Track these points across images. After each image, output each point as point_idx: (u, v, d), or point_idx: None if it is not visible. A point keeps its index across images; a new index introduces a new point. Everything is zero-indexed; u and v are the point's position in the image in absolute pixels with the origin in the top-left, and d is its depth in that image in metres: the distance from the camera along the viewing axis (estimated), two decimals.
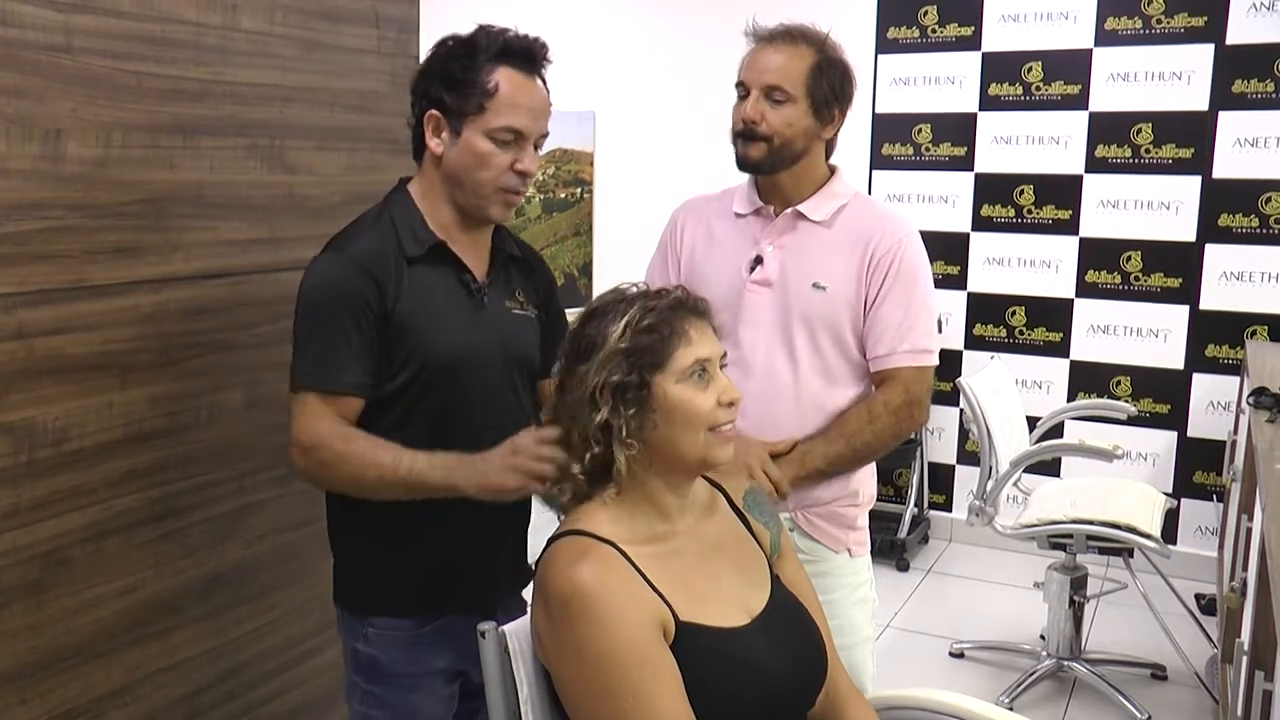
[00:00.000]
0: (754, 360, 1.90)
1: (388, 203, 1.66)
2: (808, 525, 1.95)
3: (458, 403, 1.63)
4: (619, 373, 1.33)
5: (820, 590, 1.87)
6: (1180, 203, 4.12)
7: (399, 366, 1.60)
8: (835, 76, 1.88)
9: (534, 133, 1.63)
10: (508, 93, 1.60)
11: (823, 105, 1.88)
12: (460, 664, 1.72)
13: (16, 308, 1.57)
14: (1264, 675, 2.05)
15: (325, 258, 1.61)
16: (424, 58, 1.66)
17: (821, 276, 1.89)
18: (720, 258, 1.96)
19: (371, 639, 1.67)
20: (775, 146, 1.87)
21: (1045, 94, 4.27)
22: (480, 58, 1.59)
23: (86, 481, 1.68)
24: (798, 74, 1.86)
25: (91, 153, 1.65)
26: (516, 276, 1.76)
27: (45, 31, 1.57)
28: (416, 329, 1.59)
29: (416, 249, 1.61)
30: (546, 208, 5.54)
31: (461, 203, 1.64)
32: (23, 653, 1.61)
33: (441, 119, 1.61)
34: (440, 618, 1.68)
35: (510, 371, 1.70)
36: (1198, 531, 4.23)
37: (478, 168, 1.61)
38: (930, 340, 1.92)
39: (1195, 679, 3.31)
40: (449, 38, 1.65)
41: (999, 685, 3.30)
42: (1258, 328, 4.05)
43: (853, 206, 1.94)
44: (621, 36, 5.09)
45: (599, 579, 1.29)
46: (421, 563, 1.66)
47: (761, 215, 1.95)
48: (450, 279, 1.65)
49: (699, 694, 1.29)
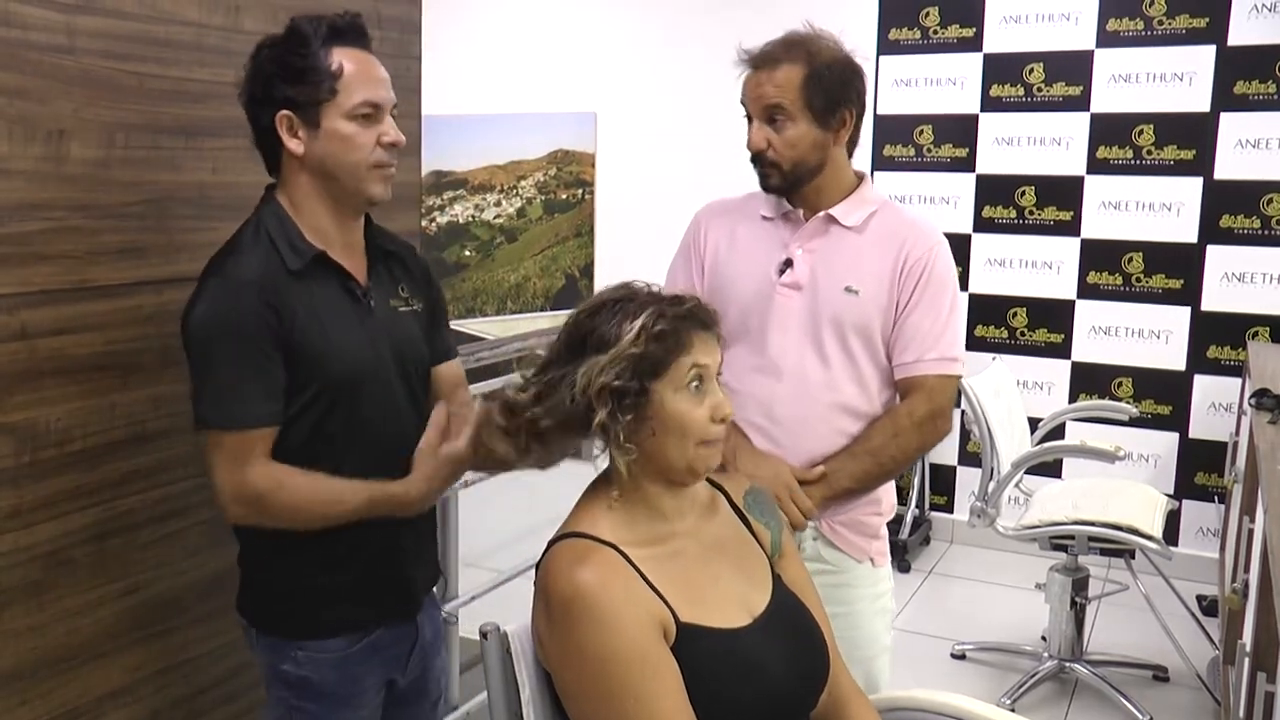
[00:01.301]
0: (784, 363, 1.88)
1: (260, 218, 1.59)
2: (832, 534, 1.93)
3: (358, 415, 1.60)
4: (622, 377, 1.32)
5: (842, 601, 1.85)
6: (1182, 204, 4.12)
7: (298, 388, 1.55)
8: (831, 81, 1.83)
9: (388, 103, 1.59)
10: (353, 70, 1.56)
11: (825, 113, 1.84)
12: (390, 673, 1.71)
13: (19, 308, 1.57)
14: (1266, 677, 2.05)
15: (211, 285, 1.53)
16: (248, 68, 1.58)
17: (854, 280, 1.87)
18: (747, 260, 1.94)
19: (301, 661, 1.63)
20: (787, 170, 1.85)
21: (1047, 95, 4.27)
22: (313, 45, 1.54)
23: (88, 482, 1.68)
24: (792, 90, 1.82)
25: (94, 154, 1.65)
26: (396, 271, 1.72)
27: (48, 32, 1.57)
28: (311, 348, 1.55)
29: (298, 262, 1.56)
30: (548, 209, 5.54)
31: (338, 194, 1.59)
32: (24, 653, 1.61)
33: (294, 117, 1.55)
34: (370, 634, 1.66)
35: (406, 377, 1.69)
36: (1199, 533, 4.23)
37: (346, 152, 1.56)
38: (957, 349, 1.90)
39: (1197, 680, 3.30)
40: (265, 39, 1.59)
41: (1000, 686, 3.30)
42: (1259, 329, 4.05)
43: (883, 212, 1.92)
44: (623, 38, 5.09)
45: (600, 581, 1.29)
46: (349, 584, 1.63)
47: (790, 219, 1.92)
48: (335, 289, 1.60)
49: (700, 695, 1.29)
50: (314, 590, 1.62)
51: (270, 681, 1.67)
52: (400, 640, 1.72)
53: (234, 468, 1.52)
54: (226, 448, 1.52)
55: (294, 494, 1.54)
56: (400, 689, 1.76)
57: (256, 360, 1.51)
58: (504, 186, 5.61)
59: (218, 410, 1.52)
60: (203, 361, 1.53)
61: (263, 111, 1.57)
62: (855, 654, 1.84)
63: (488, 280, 5.72)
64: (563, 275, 5.55)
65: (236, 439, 1.52)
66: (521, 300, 5.66)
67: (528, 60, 5.28)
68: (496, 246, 5.67)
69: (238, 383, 1.51)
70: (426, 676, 1.80)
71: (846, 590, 1.89)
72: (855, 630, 1.90)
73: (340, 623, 1.64)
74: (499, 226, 5.66)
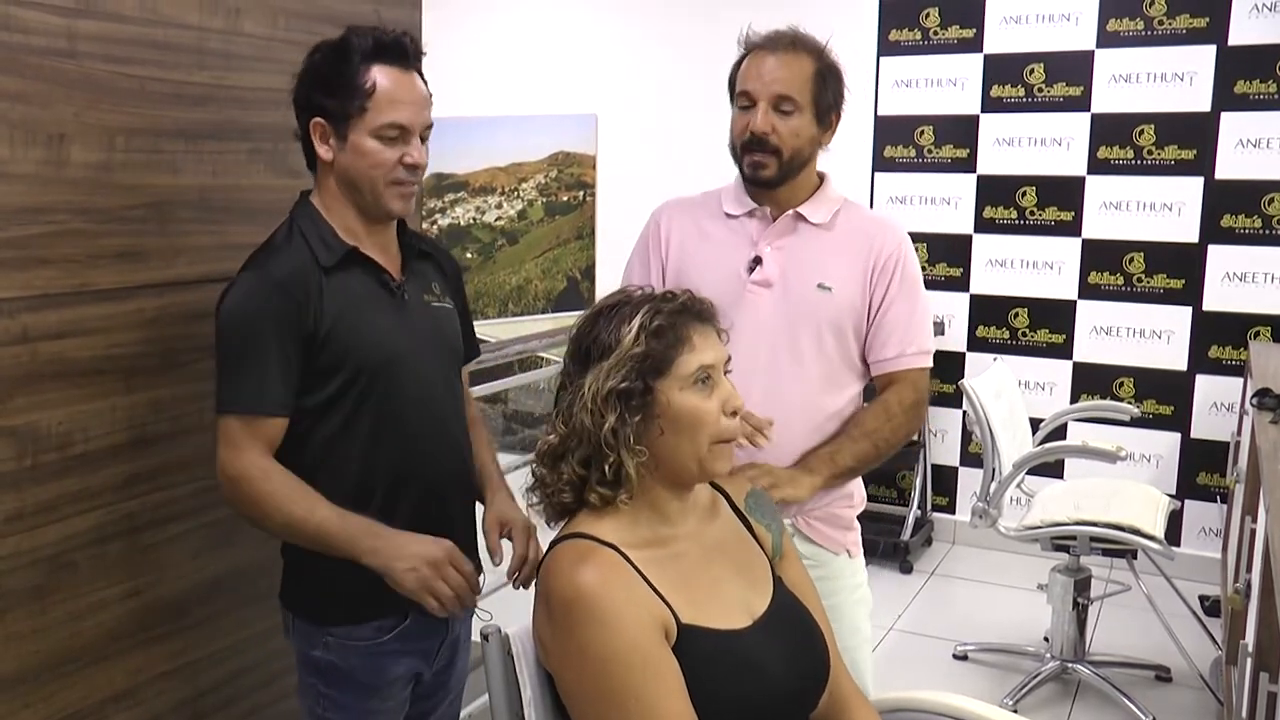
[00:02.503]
0: (755, 363, 1.87)
1: (294, 218, 1.66)
2: (808, 529, 1.95)
3: (395, 403, 1.64)
4: (628, 379, 1.33)
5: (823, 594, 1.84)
6: (1183, 204, 4.12)
7: (331, 376, 1.60)
8: (834, 83, 1.88)
9: (417, 125, 1.63)
10: (386, 90, 1.59)
11: (825, 112, 1.88)
12: (417, 667, 1.73)
13: (20, 312, 1.57)
14: (1268, 677, 2.05)
15: (243, 279, 1.60)
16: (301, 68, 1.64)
17: (825, 277, 1.88)
18: (713, 258, 1.94)
19: (331, 647, 1.66)
20: (786, 159, 1.86)
21: (1047, 95, 4.28)
22: (354, 59, 1.58)
23: (90, 485, 1.68)
24: (803, 83, 1.84)
25: (95, 157, 1.65)
26: (429, 271, 1.78)
27: (48, 36, 1.57)
28: (345, 337, 1.60)
29: (330, 258, 1.61)
30: (549, 211, 5.54)
31: (360, 204, 1.64)
32: (26, 656, 1.61)
33: (326, 126, 1.61)
34: (401, 624, 1.68)
35: (444, 363, 1.74)
36: (1201, 533, 4.23)
37: (367, 168, 1.61)
38: (930, 341, 1.96)
39: (1199, 681, 3.30)
40: (320, 44, 1.63)
41: (1003, 687, 3.30)
42: (1261, 329, 4.05)
43: (847, 210, 1.95)
44: (623, 40, 5.10)
45: (601, 582, 1.29)
46: None
47: (757, 216, 1.93)
48: (369, 282, 1.66)
49: (701, 696, 1.29)
50: (345, 577, 1.63)
51: (302, 667, 1.71)
52: (430, 635, 1.73)
53: (232, 447, 1.57)
54: (232, 429, 1.57)
55: (272, 490, 1.56)
56: (427, 684, 1.78)
57: (273, 353, 1.56)
58: (505, 189, 5.61)
59: (230, 394, 1.58)
60: (224, 349, 1.59)
61: (302, 115, 1.64)
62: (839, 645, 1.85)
63: (489, 282, 5.72)
64: (564, 277, 5.56)
65: (244, 423, 1.57)
66: (523, 302, 5.66)
67: (528, 62, 5.28)
68: (498, 249, 5.68)
69: (253, 371, 1.56)
70: (450, 672, 1.82)
71: (826, 583, 1.89)
72: (837, 623, 1.88)
73: (369, 610, 1.66)
74: (500, 229, 5.66)
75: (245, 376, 1.56)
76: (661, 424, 1.35)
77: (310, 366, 1.59)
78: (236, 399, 1.57)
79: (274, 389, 1.57)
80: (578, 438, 1.36)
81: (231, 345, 1.58)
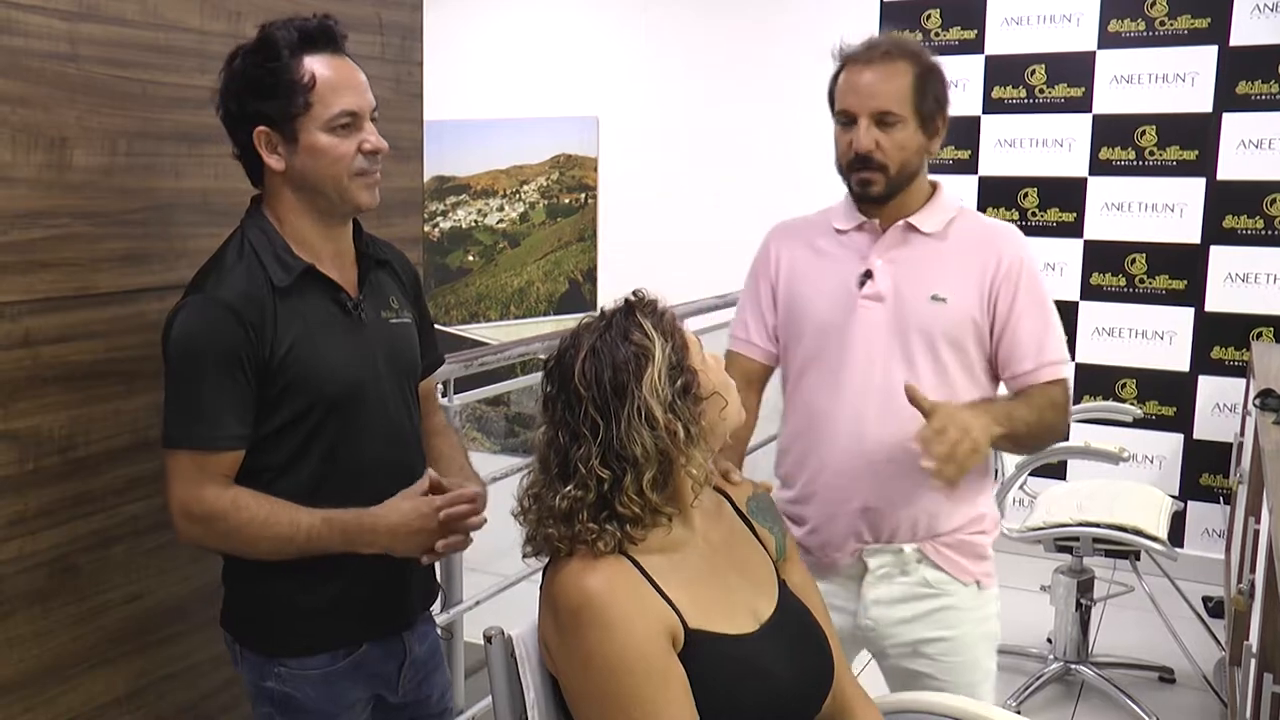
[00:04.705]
0: (870, 379, 1.79)
1: (244, 230, 1.56)
2: (936, 556, 1.84)
3: (350, 432, 1.57)
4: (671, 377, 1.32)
5: (947, 625, 1.78)
6: (1185, 205, 4.11)
7: (278, 407, 1.52)
8: (936, 86, 1.79)
9: (367, 108, 1.54)
10: (327, 79, 1.49)
11: (929, 119, 1.79)
12: (376, 689, 1.67)
13: (22, 315, 1.57)
14: (1272, 678, 2.05)
15: (192, 302, 1.50)
16: (222, 79, 1.54)
17: (940, 288, 1.79)
18: (824, 275, 1.86)
19: (284, 678, 1.59)
20: (893, 175, 1.78)
21: (1048, 97, 4.27)
22: (283, 55, 1.48)
23: (92, 488, 1.68)
24: (903, 93, 1.75)
25: (97, 161, 1.65)
26: (387, 282, 1.69)
27: (50, 40, 1.57)
28: (297, 367, 1.51)
29: (285, 278, 1.52)
30: (550, 213, 5.54)
31: (324, 207, 1.55)
32: (28, 660, 1.61)
33: (271, 133, 1.51)
34: (356, 650, 1.62)
35: (401, 387, 1.66)
36: (1204, 534, 4.22)
37: (326, 165, 1.51)
38: (1065, 350, 1.84)
39: (1203, 682, 3.30)
40: (238, 48, 1.53)
41: (1006, 689, 3.29)
42: (1263, 329, 4.05)
43: (962, 218, 1.86)
44: (624, 43, 5.10)
45: (609, 588, 1.28)
46: (337, 599, 1.59)
47: (866, 230, 1.85)
48: (325, 303, 1.57)
49: (707, 701, 1.29)
50: (294, 609, 1.58)
51: (255, 698, 1.64)
52: (388, 658, 1.67)
53: (189, 485, 1.49)
54: (186, 465, 1.49)
55: (249, 518, 1.49)
56: (390, 705, 1.71)
57: (226, 383, 1.48)
58: (506, 191, 5.62)
59: (181, 429, 1.49)
60: (173, 378, 1.51)
61: (239, 127, 1.53)
62: (957, 680, 1.79)
63: (491, 285, 5.73)
64: (566, 280, 5.56)
65: (198, 459, 1.49)
66: (525, 305, 5.67)
67: (530, 65, 5.29)
68: (499, 251, 5.68)
69: (205, 404, 1.48)
70: (427, 692, 1.76)
71: (951, 614, 1.82)
72: (957, 656, 1.82)
73: (321, 641, 1.60)
74: (502, 231, 5.66)
75: (197, 408, 1.48)
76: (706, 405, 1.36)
77: (259, 394, 1.51)
78: (189, 434, 1.48)
79: (228, 421, 1.49)
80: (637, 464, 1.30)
81: (183, 374, 1.49)
